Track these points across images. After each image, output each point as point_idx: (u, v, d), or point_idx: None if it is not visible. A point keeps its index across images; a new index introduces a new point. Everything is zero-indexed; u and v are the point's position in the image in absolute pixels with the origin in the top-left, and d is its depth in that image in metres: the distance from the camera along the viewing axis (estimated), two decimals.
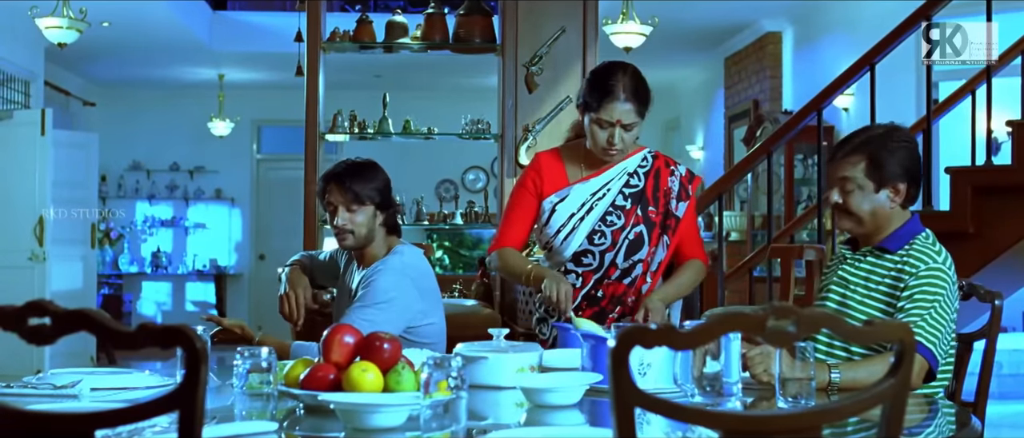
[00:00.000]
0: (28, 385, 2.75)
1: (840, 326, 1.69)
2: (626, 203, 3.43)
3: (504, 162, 5.88)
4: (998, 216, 4.76)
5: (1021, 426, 7.83)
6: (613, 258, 3.42)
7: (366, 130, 6.09)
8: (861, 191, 2.87)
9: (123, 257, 13.48)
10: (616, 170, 3.46)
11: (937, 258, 2.82)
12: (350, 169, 3.48)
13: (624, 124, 3.30)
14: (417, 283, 3.43)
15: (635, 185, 3.45)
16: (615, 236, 3.41)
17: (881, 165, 2.85)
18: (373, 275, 3.39)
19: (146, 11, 9.34)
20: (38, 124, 9.13)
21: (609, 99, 3.28)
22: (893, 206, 2.88)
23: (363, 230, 3.44)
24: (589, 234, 3.42)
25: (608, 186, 3.44)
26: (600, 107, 3.30)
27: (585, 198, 3.43)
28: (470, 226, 6.51)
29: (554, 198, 3.44)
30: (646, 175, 3.47)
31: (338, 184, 3.44)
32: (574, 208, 3.43)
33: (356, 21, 6.11)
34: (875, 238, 2.92)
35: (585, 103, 3.36)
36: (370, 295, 3.34)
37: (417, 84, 12.08)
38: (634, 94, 3.30)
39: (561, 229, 3.43)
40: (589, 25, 5.82)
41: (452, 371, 2.12)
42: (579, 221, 3.42)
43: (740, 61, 11.35)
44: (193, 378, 1.55)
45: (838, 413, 1.77)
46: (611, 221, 3.42)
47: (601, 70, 3.39)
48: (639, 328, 1.61)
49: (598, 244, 3.41)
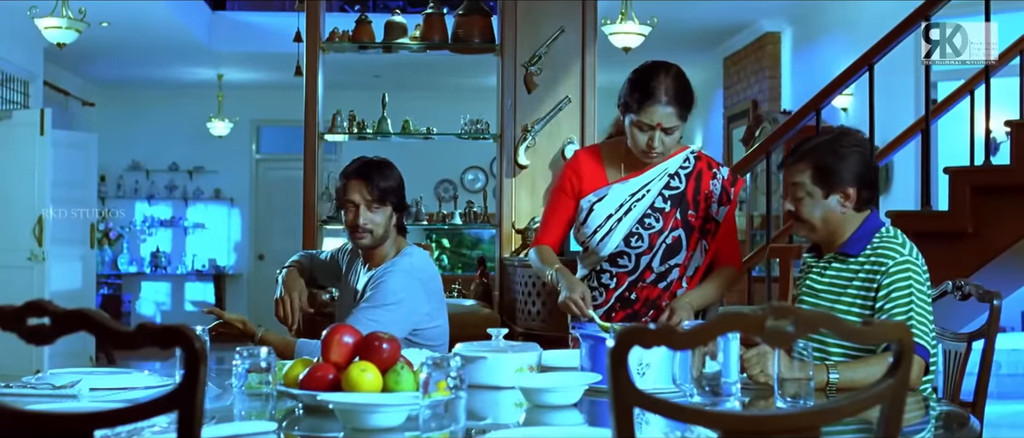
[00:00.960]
0: (27, 385, 2.75)
1: (839, 326, 1.70)
2: (665, 205, 3.35)
3: (503, 162, 5.87)
4: (997, 216, 4.75)
5: (1020, 426, 7.83)
6: (649, 261, 3.34)
7: (365, 130, 6.09)
8: (810, 198, 2.86)
9: (122, 257, 13.48)
10: (656, 171, 3.36)
11: (903, 251, 2.81)
12: (374, 167, 3.44)
13: (664, 127, 3.20)
14: (425, 286, 3.42)
15: (676, 187, 3.37)
16: (652, 239, 3.33)
17: (829, 171, 2.83)
18: (383, 276, 3.37)
19: (145, 11, 9.34)
20: (37, 124, 9.13)
21: (650, 101, 3.18)
22: (844, 211, 2.86)
23: (380, 230, 3.42)
24: (626, 236, 3.34)
25: (648, 187, 3.35)
26: (640, 109, 3.20)
27: (623, 199, 3.35)
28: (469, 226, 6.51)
29: (592, 197, 3.37)
30: (687, 177, 3.38)
31: (364, 181, 3.40)
32: (612, 209, 3.35)
33: (355, 21, 6.11)
34: (835, 243, 2.91)
35: (625, 104, 3.26)
36: (378, 296, 3.32)
37: (416, 84, 12.08)
38: (676, 97, 3.20)
39: (598, 229, 3.35)
40: (588, 25, 5.82)
41: (451, 371, 2.12)
42: (616, 222, 3.34)
43: (739, 61, 11.35)
44: (192, 378, 1.55)
45: (837, 413, 1.77)
46: (649, 223, 3.34)
47: (643, 71, 3.26)
48: (638, 328, 1.61)
49: (635, 247, 3.34)
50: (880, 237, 2.86)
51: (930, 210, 5.00)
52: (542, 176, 5.86)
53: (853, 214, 2.88)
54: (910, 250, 2.82)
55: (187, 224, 13.83)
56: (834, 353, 2.80)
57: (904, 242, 2.84)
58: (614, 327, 2.91)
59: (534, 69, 5.75)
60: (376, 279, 3.39)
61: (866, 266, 2.83)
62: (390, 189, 3.42)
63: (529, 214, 5.79)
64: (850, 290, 2.85)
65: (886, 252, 2.81)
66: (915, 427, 2.33)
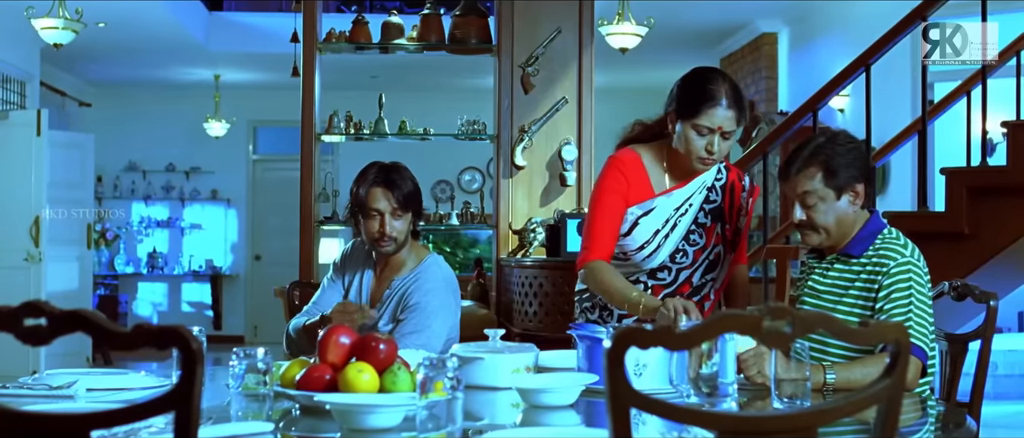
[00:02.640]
0: (24, 386, 2.75)
1: (835, 326, 1.70)
2: (707, 221, 3.29)
3: (500, 163, 5.88)
4: (993, 217, 4.76)
5: (1016, 426, 7.84)
6: (689, 276, 3.29)
7: (362, 131, 6.09)
8: (823, 202, 2.85)
9: (119, 258, 13.47)
10: (696, 184, 3.28)
11: (904, 252, 2.81)
12: (397, 173, 3.38)
13: (725, 131, 3.12)
14: (456, 297, 3.43)
15: (714, 201, 3.31)
16: (696, 256, 3.28)
17: (836, 171, 2.83)
18: (419, 295, 3.33)
19: (142, 12, 9.33)
20: (34, 125, 9.12)
21: (710, 104, 3.09)
22: (855, 209, 2.87)
23: (403, 237, 3.38)
24: (672, 252, 3.27)
25: (690, 201, 3.27)
26: (700, 112, 3.09)
27: (669, 213, 3.25)
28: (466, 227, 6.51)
29: (638, 210, 3.24)
30: (722, 189, 3.32)
31: (389, 189, 3.33)
32: (659, 224, 3.25)
33: (352, 22, 6.12)
34: (839, 245, 2.91)
35: (679, 109, 3.15)
36: (423, 319, 3.29)
37: (413, 85, 12.08)
38: (736, 101, 3.12)
39: (645, 245, 3.24)
40: (585, 26, 5.83)
41: (448, 372, 2.12)
42: (664, 238, 3.25)
43: (736, 62, 11.36)
44: (189, 379, 1.55)
45: (834, 413, 1.78)
46: (694, 240, 3.28)
47: (699, 74, 3.18)
48: (635, 328, 1.61)
49: (679, 262, 3.28)
50: (883, 238, 2.86)
51: (927, 211, 5.01)
52: (539, 177, 5.87)
53: (859, 212, 2.88)
54: (912, 252, 2.83)
55: (184, 225, 13.82)
56: (833, 354, 2.80)
57: (906, 243, 2.85)
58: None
59: (531, 70, 5.76)
60: (411, 297, 3.34)
61: (868, 267, 2.83)
62: (412, 195, 3.37)
63: (526, 215, 5.80)
64: (852, 291, 2.86)
65: (888, 253, 2.82)
66: (912, 428, 2.33)
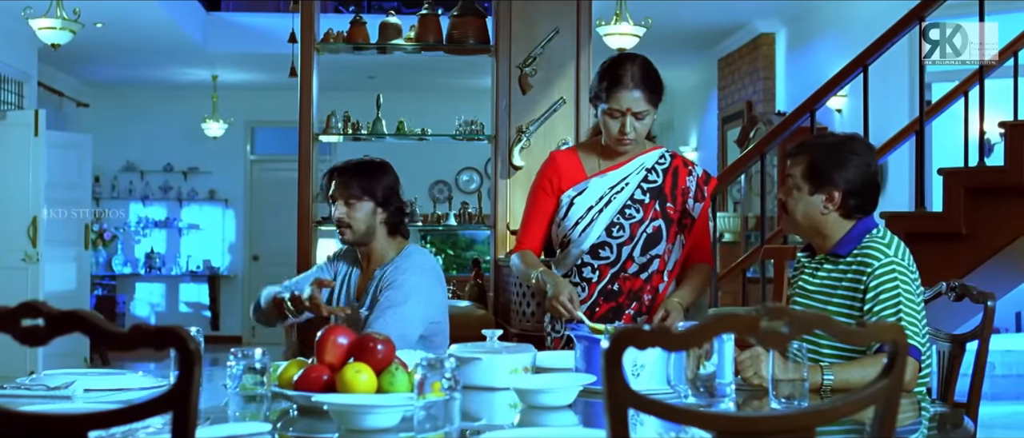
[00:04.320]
0: (21, 386, 2.75)
1: (833, 327, 1.70)
2: (644, 197, 3.42)
3: (498, 163, 5.88)
4: (991, 217, 4.76)
5: (1014, 427, 7.84)
6: (631, 252, 3.40)
7: (360, 131, 6.09)
8: (797, 191, 2.90)
9: (116, 258, 13.46)
10: (634, 165, 3.44)
11: (889, 251, 2.81)
12: (354, 165, 3.57)
13: (635, 112, 3.29)
14: (439, 284, 3.52)
15: (653, 181, 3.45)
16: (634, 229, 3.40)
17: (821, 170, 2.86)
18: (395, 275, 3.45)
19: (140, 12, 9.32)
20: (31, 125, 9.12)
21: (618, 88, 3.29)
22: (825, 213, 2.87)
23: (362, 226, 3.51)
24: (607, 226, 3.39)
25: (626, 180, 3.43)
26: (610, 96, 3.30)
27: (603, 191, 3.42)
28: (463, 227, 6.51)
29: (572, 192, 3.43)
30: (664, 172, 3.46)
31: (339, 177, 3.54)
32: (592, 201, 3.42)
33: (350, 22, 6.11)
34: (827, 245, 2.92)
35: (595, 95, 3.37)
36: (396, 295, 3.39)
37: (411, 85, 12.08)
38: (643, 82, 3.30)
39: (579, 221, 3.41)
40: (582, 26, 5.82)
41: (446, 372, 2.12)
42: (598, 213, 3.40)
43: (733, 62, 11.36)
44: (186, 379, 1.55)
45: (831, 414, 1.78)
46: (630, 214, 3.40)
47: (610, 62, 3.39)
48: (633, 329, 1.61)
49: (616, 236, 3.40)
50: (869, 238, 2.86)
51: (924, 211, 5.01)
52: None
53: (837, 218, 2.88)
54: (896, 250, 2.82)
55: (181, 225, 13.81)
56: (825, 354, 2.80)
57: (891, 242, 2.84)
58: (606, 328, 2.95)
59: (529, 70, 5.75)
60: (387, 279, 3.45)
61: (854, 267, 2.84)
62: (369, 186, 3.50)
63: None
64: (839, 291, 2.86)
65: (871, 253, 2.81)
66: (908, 428, 2.33)
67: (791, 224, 2.96)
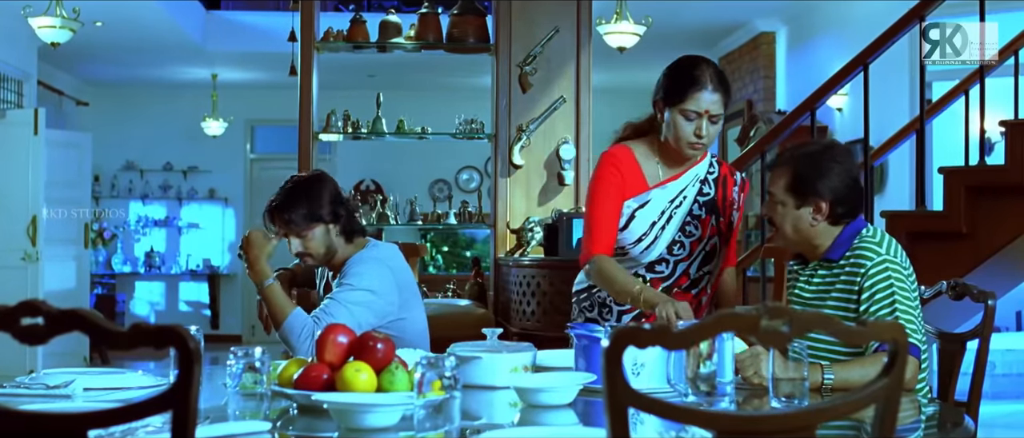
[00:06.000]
0: (21, 385, 2.75)
1: (833, 326, 1.69)
2: (701, 213, 3.32)
3: (498, 162, 5.88)
4: (991, 216, 4.76)
5: (1014, 426, 7.84)
6: (686, 268, 3.31)
7: (359, 130, 6.09)
8: (783, 207, 2.88)
9: (116, 257, 13.46)
10: (689, 176, 3.33)
11: (880, 250, 2.80)
12: (286, 195, 3.48)
13: (711, 114, 3.17)
14: (396, 275, 3.43)
15: (707, 193, 3.34)
16: (693, 247, 3.30)
17: (804, 182, 2.84)
18: (350, 266, 3.39)
19: (139, 11, 9.32)
20: (31, 124, 9.12)
21: (696, 88, 3.16)
22: (815, 224, 2.86)
23: (321, 248, 3.45)
24: (669, 244, 3.29)
25: (684, 193, 3.31)
26: (686, 97, 3.16)
27: (664, 206, 3.29)
28: (463, 226, 6.51)
29: (634, 203, 3.28)
30: (715, 183, 3.36)
31: (278, 215, 3.47)
32: (655, 216, 3.28)
33: (350, 21, 6.11)
34: (818, 253, 2.91)
35: (666, 96, 3.22)
36: (348, 282, 3.33)
37: (411, 84, 12.07)
38: (721, 84, 3.19)
39: (643, 237, 3.27)
40: (582, 25, 5.82)
41: (446, 371, 2.12)
42: (660, 230, 3.28)
43: (734, 61, 11.36)
44: (186, 378, 1.55)
45: (831, 413, 1.78)
46: (690, 231, 3.30)
47: (683, 61, 3.26)
48: (634, 328, 1.61)
49: (676, 254, 3.29)
50: (860, 239, 2.85)
51: (925, 210, 5.01)
52: (536, 176, 5.87)
53: (826, 227, 2.87)
54: (889, 248, 2.82)
55: (181, 224, 13.80)
56: (823, 356, 2.79)
57: (882, 241, 2.84)
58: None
59: (529, 69, 5.75)
60: (345, 271, 3.40)
61: (847, 269, 2.83)
62: (310, 211, 3.42)
63: (524, 214, 5.79)
64: (834, 294, 2.85)
65: (864, 254, 2.81)
66: (908, 427, 2.33)
67: (781, 237, 2.94)
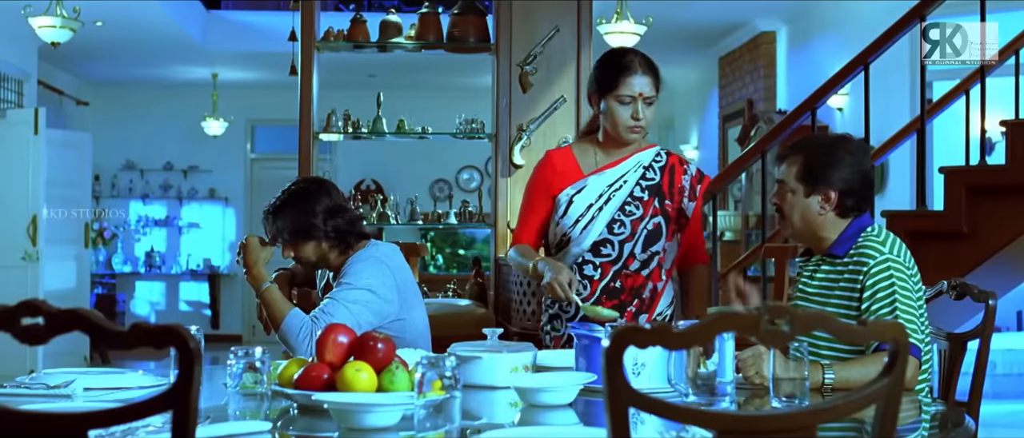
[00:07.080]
0: (21, 385, 2.75)
1: (833, 325, 1.69)
2: (643, 194, 3.44)
3: (498, 162, 5.87)
4: (992, 216, 4.76)
5: (1015, 426, 7.84)
6: (632, 248, 3.42)
7: (360, 130, 6.08)
8: (792, 195, 2.89)
9: (116, 257, 13.46)
10: (631, 163, 3.47)
11: (883, 249, 2.80)
12: (272, 212, 3.50)
13: (645, 96, 3.34)
14: (396, 275, 3.41)
15: (651, 178, 3.47)
16: (634, 226, 3.42)
17: (814, 171, 2.85)
18: (349, 266, 3.38)
19: (140, 10, 9.32)
20: (31, 123, 9.12)
21: (627, 73, 3.33)
22: (823, 214, 2.86)
23: (312, 259, 3.47)
24: (608, 223, 3.41)
25: (624, 178, 3.45)
26: (619, 83, 3.34)
27: (602, 189, 3.44)
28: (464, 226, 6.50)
29: (570, 190, 3.45)
30: (661, 170, 3.50)
31: (272, 224, 3.49)
32: (592, 198, 3.43)
33: (350, 20, 6.10)
34: (824, 246, 2.92)
35: (599, 87, 3.40)
36: (346, 281, 3.32)
37: (411, 83, 12.07)
38: (649, 67, 3.37)
39: (580, 219, 3.43)
40: (583, 24, 5.81)
41: (446, 371, 2.12)
42: (598, 211, 3.42)
43: (734, 61, 11.36)
44: (186, 378, 1.55)
45: (832, 413, 1.77)
46: (630, 211, 3.43)
47: (611, 53, 3.45)
48: (634, 327, 1.61)
49: (618, 233, 3.41)
50: (864, 237, 2.85)
51: (925, 210, 5.00)
52: None
53: (834, 218, 2.87)
54: (892, 248, 2.81)
55: (181, 224, 13.81)
56: (825, 354, 2.79)
57: (886, 240, 2.83)
58: (599, 311, 3.15)
59: (529, 68, 5.75)
60: (344, 270, 3.39)
61: (850, 266, 2.83)
62: (300, 228, 3.42)
63: None
64: (837, 291, 2.85)
65: (867, 252, 2.81)
66: (909, 427, 2.33)
67: (789, 227, 2.95)
